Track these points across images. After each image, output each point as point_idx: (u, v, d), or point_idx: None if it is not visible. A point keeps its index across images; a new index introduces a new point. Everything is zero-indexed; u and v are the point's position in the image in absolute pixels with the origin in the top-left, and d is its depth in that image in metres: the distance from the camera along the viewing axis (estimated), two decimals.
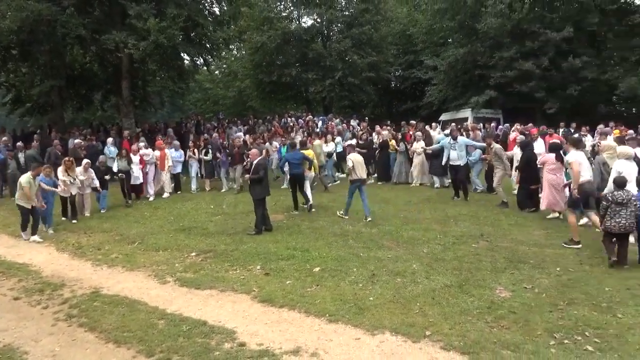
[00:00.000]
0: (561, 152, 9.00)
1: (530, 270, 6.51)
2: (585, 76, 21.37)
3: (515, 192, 10.84)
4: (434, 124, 18.26)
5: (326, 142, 15.04)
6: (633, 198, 6.63)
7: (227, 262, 7.39)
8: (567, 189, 8.86)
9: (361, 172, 9.91)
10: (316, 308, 5.46)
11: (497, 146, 10.94)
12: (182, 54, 20.35)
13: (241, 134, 18.20)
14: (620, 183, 6.80)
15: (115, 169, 12.66)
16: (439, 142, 12.96)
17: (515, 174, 10.91)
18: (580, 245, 7.53)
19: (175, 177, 14.13)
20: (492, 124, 19.33)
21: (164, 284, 6.64)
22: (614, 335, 4.61)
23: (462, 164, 11.62)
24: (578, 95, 21.78)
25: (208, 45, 20.46)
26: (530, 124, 15.78)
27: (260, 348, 4.63)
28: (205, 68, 26.49)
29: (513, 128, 15.52)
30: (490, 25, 21.80)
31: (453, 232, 8.65)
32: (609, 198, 6.71)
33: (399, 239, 8.29)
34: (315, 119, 22.73)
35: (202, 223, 10.12)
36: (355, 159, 9.95)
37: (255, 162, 9.30)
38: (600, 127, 15.81)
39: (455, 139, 11.80)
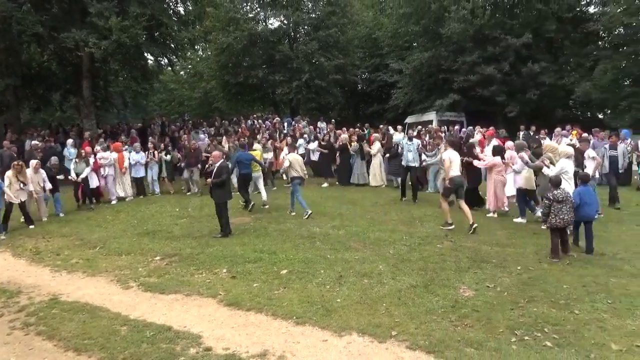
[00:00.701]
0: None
1: (492, 269, 6.68)
2: (544, 81, 22.16)
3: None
4: (399, 127, 18.53)
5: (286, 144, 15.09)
6: (569, 195, 7.34)
7: (193, 265, 7.27)
8: (509, 186, 9.92)
9: (299, 171, 10.50)
10: (283, 310, 5.44)
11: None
12: (145, 54, 19.95)
13: (205, 136, 17.94)
14: (557, 183, 7.44)
15: (73, 173, 12.22)
16: (398, 143, 13.43)
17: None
18: (453, 226, 8.99)
19: (137, 181, 13.74)
20: (456, 127, 19.77)
21: (127, 289, 6.47)
22: (571, 331, 4.78)
23: (417, 165, 12.10)
24: (537, 99, 22.58)
25: (172, 45, 20.13)
26: (491, 127, 16.25)
27: (227, 352, 4.57)
28: (169, 68, 26.07)
29: (476, 131, 15.93)
30: (453, 31, 22.32)
31: (419, 233, 8.79)
32: (551, 197, 7.31)
33: (365, 240, 8.36)
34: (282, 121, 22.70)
35: (166, 226, 9.92)
36: (293, 158, 10.60)
37: (217, 164, 9.12)
38: (558, 130, 16.46)
39: (410, 139, 12.28)
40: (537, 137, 16.51)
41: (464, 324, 4.97)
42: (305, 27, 28.52)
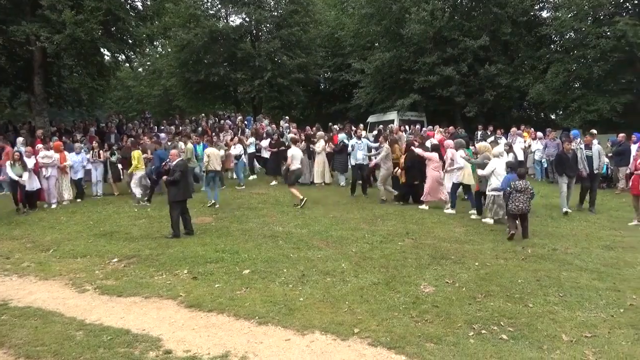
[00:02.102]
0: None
1: (451, 265, 6.86)
2: (500, 82, 22.87)
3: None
4: (361, 126, 18.73)
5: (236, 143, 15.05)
6: (529, 187, 8.25)
7: (152, 267, 7.10)
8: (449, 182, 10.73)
9: (216, 165, 11.44)
10: (245, 311, 5.40)
11: (387, 147, 11.86)
12: (101, 50, 19.29)
13: (164, 135, 17.53)
14: (521, 174, 8.49)
15: (14, 177, 11.22)
16: (341, 142, 13.89)
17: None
18: (305, 200, 10.84)
19: (76, 183, 13.06)
20: (417, 126, 20.13)
21: (83, 292, 6.25)
22: (525, 323, 4.97)
23: (365, 163, 12.70)
24: (493, 100, 23.28)
25: (130, 41, 19.53)
26: (429, 127, 16.85)
27: (187, 355, 4.50)
28: (127, 65, 25.33)
29: (436, 130, 16.30)
30: (414, 32, 22.67)
31: (380, 231, 8.91)
32: (512, 186, 8.20)
33: (328, 238, 8.40)
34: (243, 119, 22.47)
35: (124, 227, 9.65)
36: (211, 153, 11.47)
37: (173, 163, 9.00)
38: (514, 129, 17.05)
39: (359, 138, 12.76)
40: (495, 136, 17.11)
41: (424, 320, 5.07)
42: (268, 25, 28.29)
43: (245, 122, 21.38)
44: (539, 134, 16.42)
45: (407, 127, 19.83)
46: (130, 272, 6.91)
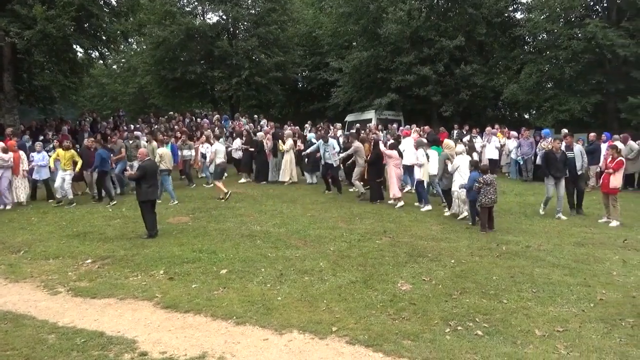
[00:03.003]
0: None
1: (428, 263, 6.94)
2: (475, 82, 23.22)
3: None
4: (338, 124, 18.82)
5: (204, 142, 14.91)
6: (494, 179, 8.98)
7: (127, 268, 6.99)
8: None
9: (168, 164, 11.65)
10: (223, 311, 5.36)
11: (357, 144, 12.11)
12: (74, 46, 18.86)
13: (140, 133, 17.18)
14: (485, 169, 9.26)
15: None
16: (310, 142, 14.01)
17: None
18: (229, 194, 11.62)
19: (37, 183, 12.65)
20: (394, 125, 20.27)
21: (55, 294, 6.11)
22: (500, 319, 5.06)
23: (333, 163, 12.85)
24: (469, 99, 23.62)
25: (104, 38, 19.16)
26: (407, 126, 17.08)
27: (164, 356, 4.44)
28: (101, 62, 24.84)
29: (414, 129, 16.44)
30: (391, 31, 22.82)
31: (358, 229, 8.95)
32: (481, 180, 8.80)
33: (306, 237, 8.40)
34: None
35: (98, 227, 9.46)
36: (163, 152, 11.73)
37: (140, 164, 8.92)
38: (489, 129, 17.33)
39: (326, 141, 12.97)
40: (470, 135, 17.38)
41: (401, 317, 5.12)
42: (245, 23, 28.11)
43: (222, 121, 21.21)
44: (514, 133, 16.72)
45: (382, 127, 19.94)
46: (105, 273, 6.79)
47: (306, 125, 18.91)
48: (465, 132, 18.19)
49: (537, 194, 12.78)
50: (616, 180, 9.72)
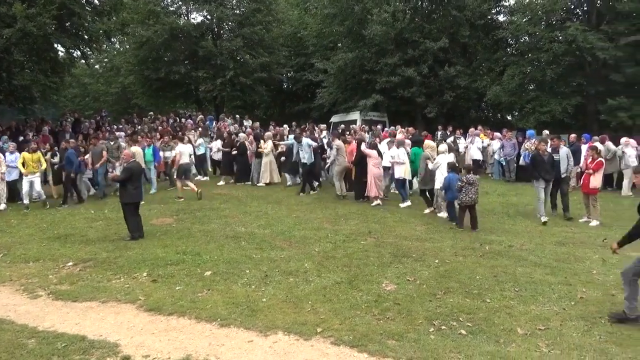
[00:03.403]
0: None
1: (412, 263, 6.98)
2: (459, 84, 23.44)
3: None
4: (322, 126, 18.84)
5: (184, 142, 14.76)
6: (476, 179, 9.27)
7: (110, 270, 6.89)
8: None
9: (141, 164, 11.39)
10: (207, 313, 5.32)
11: (338, 143, 12.33)
12: (55, 45, 18.56)
13: (122, 134, 16.98)
14: (469, 169, 9.66)
15: None
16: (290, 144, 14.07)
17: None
18: (182, 199, 11.89)
19: (9, 185, 12.36)
20: (379, 126, 20.37)
21: (35, 298, 6.00)
22: (483, 318, 5.11)
23: (308, 163, 12.95)
24: (453, 101, 23.83)
25: (86, 37, 18.91)
26: (392, 127, 17.26)
27: None
28: (83, 61, 24.49)
29: (399, 130, 16.55)
30: (375, 33, 22.92)
31: (343, 230, 8.97)
32: (464, 179, 9.06)
33: (291, 238, 8.39)
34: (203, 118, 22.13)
35: (80, 230, 9.32)
36: (136, 151, 11.71)
37: (125, 165, 8.85)
38: (472, 130, 17.52)
39: (299, 141, 13.05)
40: (454, 136, 17.54)
41: (386, 317, 5.14)
42: (230, 23, 27.98)
43: (207, 122, 21.06)
44: (497, 134, 16.89)
45: (368, 128, 20.02)
46: (86, 276, 6.69)
47: (285, 125, 18.85)
48: (449, 133, 18.36)
49: (519, 195, 12.98)
50: (596, 181, 9.91)
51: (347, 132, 16.24)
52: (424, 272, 6.59)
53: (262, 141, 14.46)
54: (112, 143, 13.84)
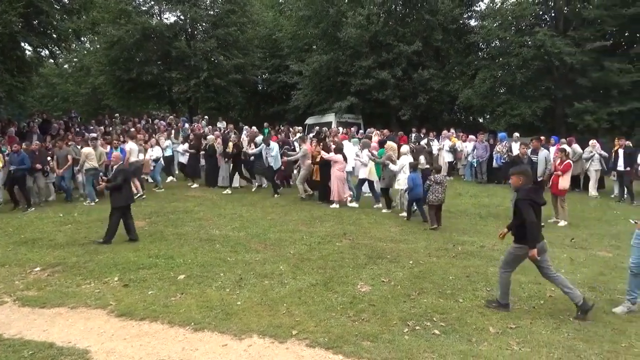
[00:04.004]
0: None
1: (387, 264, 7.04)
2: (432, 87, 23.82)
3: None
4: (298, 128, 18.86)
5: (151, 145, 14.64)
6: (445, 179, 9.71)
7: (79, 275, 6.72)
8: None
9: (93, 163, 11.91)
10: (181, 317, 5.24)
11: (305, 147, 12.47)
12: (22, 44, 18.04)
13: (95, 134, 16.56)
14: (438, 169, 10.00)
15: None
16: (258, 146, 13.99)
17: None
18: (144, 196, 12.18)
19: None
20: (353, 129, 20.48)
21: (1, 305, 5.79)
22: (456, 318, 5.19)
23: (275, 167, 13.09)
24: (426, 103, 24.20)
25: (54, 36, 18.46)
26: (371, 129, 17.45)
27: None
28: (51, 61, 23.89)
29: (374, 132, 16.68)
30: (350, 35, 23.09)
31: (318, 232, 8.98)
32: (432, 179, 9.36)
33: (266, 241, 8.35)
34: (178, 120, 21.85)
35: (48, 233, 9.06)
36: (89, 152, 11.94)
37: (115, 167, 8.68)
38: (445, 132, 17.80)
39: (268, 144, 13.13)
40: (427, 138, 17.78)
41: (361, 319, 5.16)
42: (203, 24, 27.71)
43: (180, 124, 20.79)
44: (471, 136, 17.07)
45: (341, 129, 20.11)
46: (55, 282, 6.50)
47: (250, 126, 18.70)
48: (422, 136, 18.60)
49: (491, 196, 13.25)
50: (564, 182, 10.16)
51: (324, 135, 16.29)
52: (398, 273, 6.65)
53: (230, 143, 14.30)
54: (79, 147, 13.47)
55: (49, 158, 12.67)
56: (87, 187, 12.10)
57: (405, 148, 11.03)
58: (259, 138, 14.54)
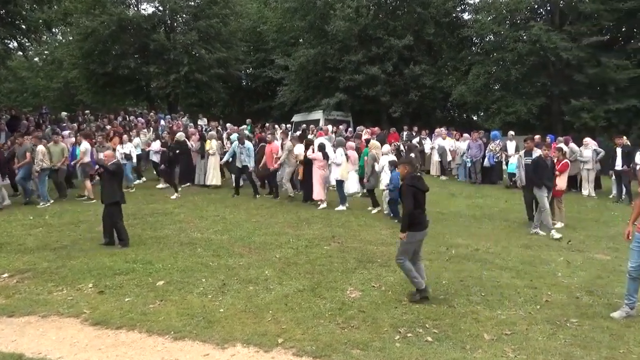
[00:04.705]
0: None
1: (378, 269, 7.05)
2: (424, 83, 23.98)
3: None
4: (285, 126, 18.84)
5: (122, 142, 14.38)
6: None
7: (51, 281, 6.62)
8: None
9: (48, 162, 11.93)
10: (160, 326, 5.19)
11: (289, 144, 12.52)
12: None
13: (68, 132, 16.34)
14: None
15: None
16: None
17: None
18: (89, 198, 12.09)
19: None
20: (342, 126, 20.52)
21: None
22: (449, 324, 5.22)
23: (248, 165, 12.90)
24: (418, 100, 24.35)
25: (24, 27, 18.21)
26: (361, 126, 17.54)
27: None
28: (20, 53, 23.56)
29: (364, 130, 16.73)
30: (338, 28, 23.14)
31: (306, 235, 8.97)
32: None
33: (251, 245, 8.31)
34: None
35: (17, 237, 8.91)
36: (43, 150, 11.99)
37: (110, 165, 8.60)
38: (438, 130, 17.92)
39: (242, 143, 13.01)
40: (420, 136, 17.88)
41: (350, 326, 5.16)
42: (184, 15, 27.60)
43: (159, 121, 20.64)
44: (466, 135, 17.11)
45: (330, 127, 20.14)
46: (24, 289, 6.40)
47: (227, 124, 18.55)
48: (414, 134, 18.70)
49: (485, 197, 13.36)
50: (561, 182, 10.29)
51: (309, 132, 16.30)
52: (389, 277, 6.67)
53: (207, 140, 14.21)
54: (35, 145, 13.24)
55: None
56: (40, 188, 11.96)
57: (386, 147, 11.48)
58: (234, 136, 14.40)
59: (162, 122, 20.85)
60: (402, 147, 13.44)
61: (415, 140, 18.07)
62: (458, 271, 6.98)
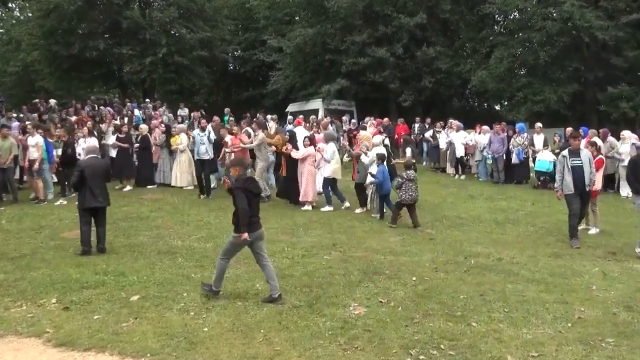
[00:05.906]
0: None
1: (385, 281, 7.07)
2: (439, 67, 23.92)
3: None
4: (274, 116, 18.86)
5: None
6: (416, 176, 10.45)
7: (8, 296, 6.64)
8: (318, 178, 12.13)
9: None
10: (134, 347, 5.20)
11: (261, 135, 12.68)
12: None
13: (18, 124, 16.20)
14: (409, 165, 10.62)
15: None
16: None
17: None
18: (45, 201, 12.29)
19: None
20: (345, 117, 20.54)
21: None
22: (468, 345, 5.24)
23: (208, 158, 13.07)
24: (432, 87, 24.28)
25: None
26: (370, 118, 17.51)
27: None
28: None
29: (369, 123, 16.71)
30: (340, 5, 23.09)
31: (303, 242, 9.00)
32: (404, 176, 10.11)
33: (239, 254, 8.31)
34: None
35: None
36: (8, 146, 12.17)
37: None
38: (454, 122, 17.84)
39: (203, 130, 13.20)
40: (433, 129, 17.87)
41: (354, 347, 5.18)
42: None
43: (131, 110, 20.60)
44: (485, 127, 16.94)
45: (330, 118, 20.16)
46: None
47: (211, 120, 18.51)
48: (427, 126, 18.68)
49: (509, 198, 13.39)
50: (596, 182, 10.22)
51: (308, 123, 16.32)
52: (399, 291, 6.69)
53: (176, 135, 14.15)
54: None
55: None
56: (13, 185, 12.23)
57: (377, 139, 11.99)
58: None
59: (137, 112, 20.85)
60: (386, 142, 12.97)
61: (428, 134, 18.06)
62: (478, 284, 7.00)
